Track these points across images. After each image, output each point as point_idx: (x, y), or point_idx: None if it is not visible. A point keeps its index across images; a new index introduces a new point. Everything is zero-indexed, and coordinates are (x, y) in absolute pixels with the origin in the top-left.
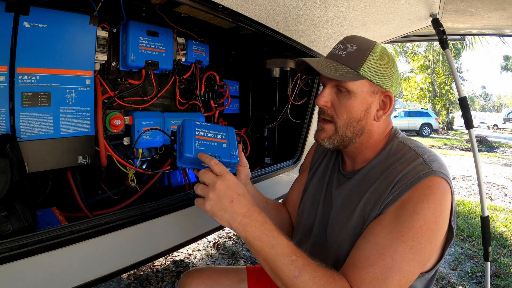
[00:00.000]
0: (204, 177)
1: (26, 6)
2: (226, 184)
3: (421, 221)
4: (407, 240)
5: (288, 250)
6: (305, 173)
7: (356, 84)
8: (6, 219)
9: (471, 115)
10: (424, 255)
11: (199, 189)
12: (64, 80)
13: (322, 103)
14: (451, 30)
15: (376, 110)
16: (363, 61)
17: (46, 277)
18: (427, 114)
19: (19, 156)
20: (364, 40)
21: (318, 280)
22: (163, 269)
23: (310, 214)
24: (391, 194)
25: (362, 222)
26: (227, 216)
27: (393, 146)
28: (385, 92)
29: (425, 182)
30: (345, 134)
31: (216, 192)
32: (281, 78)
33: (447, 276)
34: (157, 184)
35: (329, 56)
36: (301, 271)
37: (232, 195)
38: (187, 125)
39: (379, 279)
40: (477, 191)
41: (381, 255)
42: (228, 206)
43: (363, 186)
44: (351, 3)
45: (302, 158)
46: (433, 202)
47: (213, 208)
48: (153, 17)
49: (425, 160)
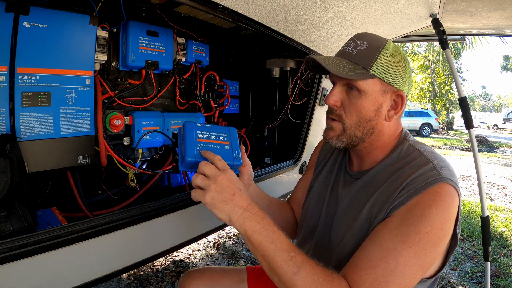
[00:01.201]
0: (206, 169)
1: (26, 6)
2: (228, 178)
3: (428, 226)
4: (412, 245)
5: (287, 246)
6: (311, 171)
7: (367, 83)
8: (6, 219)
9: (471, 115)
10: (427, 261)
11: (199, 180)
12: (64, 80)
13: (332, 102)
14: (451, 30)
15: (387, 110)
16: (374, 59)
17: (46, 277)
18: (427, 114)
19: (19, 156)
20: (376, 37)
21: (316, 277)
22: (163, 269)
23: (315, 213)
24: (398, 198)
25: (368, 224)
26: (227, 208)
27: (403, 148)
28: (397, 91)
29: (434, 188)
30: (354, 134)
31: (218, 184)
32: (281, 78)
33: (447, 276)
34: (157, 184)
35: (339, 54)
36: (300, 267)
37: (234, 189)
38: (188, 128)
39: (380, 282)
40: (477, 191)
41: (384, 257)
42: (230, 199)
43: (370, 188)
44: (351, 3)
45: (302, 158)
46: (441, 209)
47: (214, 199)
48: (153, 17)
49: (435, 166)
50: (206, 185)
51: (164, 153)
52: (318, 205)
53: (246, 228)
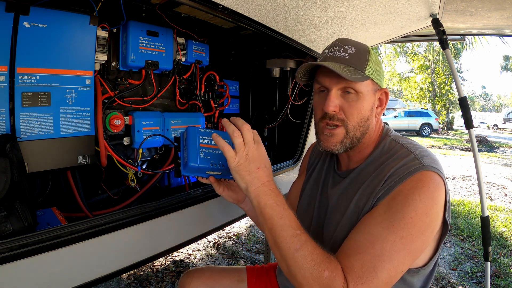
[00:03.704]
0: (246, 133)
1: (26, 6)
2: (260, 151)
3: (412, 212)
4: (397, 230)
5: (295, 224)
6: (303, 175)
7: (364, 84)
8: (6, 219)
9: (471, 115)
10: (415, 246)
11: (236, 136)
12: (64, 80)
13: (332, 109)
14: (451, 30)
15: (375, 108)
16: (366, 61)
17: (46, 277)
18: (427, 114)
19: (19, 156)
20: (357, 42)
21: (315, 257)
22: (163, 269)
23: (307, 214)
24: (383, 188)
25: (356, 216)
26: (248, 178)
27: (386, 144)
28: (382, 89)
29: (416, 176)
30: (355, 135)
31: (249, 154)
32: (281, 78)
33: (447, 276)
34: (157, 184)
35: (330, 59)
36: (302, 245)
37: (260, 163)
38: (191, 133)
39: (368, 267)
40: (477, 191)
41: (371, 243)
42: (254, 171)
43: (356, 184)
44: (351, 3)
45: (302, 158)
46: (424, 195)
47: (240, 166)
48: (153, 17)
49: (416, 156)
50: (240, 148)
51: (164, 153)
52: (310, 206)
53: (259, 200)
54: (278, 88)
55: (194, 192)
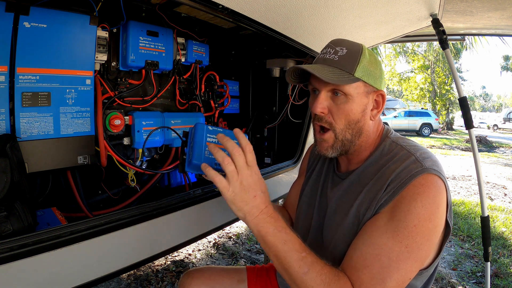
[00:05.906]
0: (238, 159)
1: (26, 6)
2: (254, 177)
3: (415, 220)
4: (402, 239)
5: (299, 247)
6: (302, 176)
7: (353, 86)
8: (6, 219)
9: (471, 115)
10: (421, 253)
11: (227, 164)
12: (64, 80)
13: (320, 110)
14: (451, 30)
15: (370, 110)
16: (356, 63)
17: (46, 277)
18: (427, 114)
19: (19, 156)
20: (352, 43)
21: (324, 277)
22: (163, 269)
23: (307, 216)
24: (385, 194)
25: (357, 222)
26: (246, 208)
27: (386, 145)
28: (378, 91)
29: (417, 180)
30: (344, 137)
31: (244, 182)
32: (281, 78)
33: (447, 276)
34: (157, 184)
35: (321, 61)
36: (310, 267)
37: (257, 190)
38: (199, 130)
39: (377, 279)
40: (477, 191)
41: (377, 255)
42: (251, 200)
43: (357, 187)
44: (351, 3)
45: (301, 158)
46: (426, 200)
47: (235, 197)
48: (153, 17)
49: (417, 158)
50: (232, 176)
51: (164, 153)
52: (310, 208)
53: (259, 229)
54: (278, 88)
55: (194, 192)
